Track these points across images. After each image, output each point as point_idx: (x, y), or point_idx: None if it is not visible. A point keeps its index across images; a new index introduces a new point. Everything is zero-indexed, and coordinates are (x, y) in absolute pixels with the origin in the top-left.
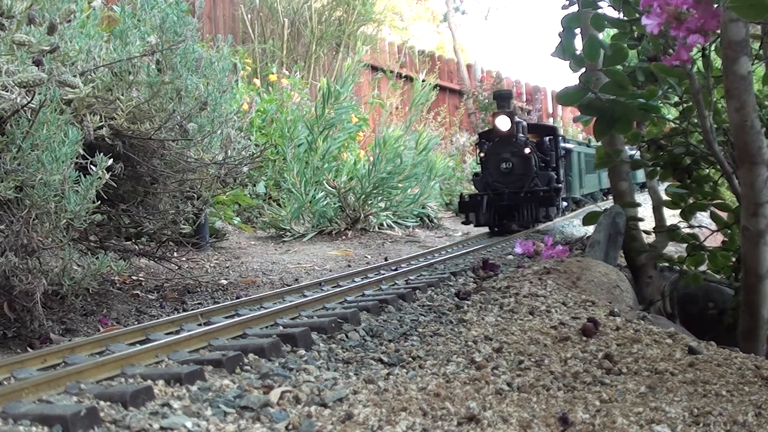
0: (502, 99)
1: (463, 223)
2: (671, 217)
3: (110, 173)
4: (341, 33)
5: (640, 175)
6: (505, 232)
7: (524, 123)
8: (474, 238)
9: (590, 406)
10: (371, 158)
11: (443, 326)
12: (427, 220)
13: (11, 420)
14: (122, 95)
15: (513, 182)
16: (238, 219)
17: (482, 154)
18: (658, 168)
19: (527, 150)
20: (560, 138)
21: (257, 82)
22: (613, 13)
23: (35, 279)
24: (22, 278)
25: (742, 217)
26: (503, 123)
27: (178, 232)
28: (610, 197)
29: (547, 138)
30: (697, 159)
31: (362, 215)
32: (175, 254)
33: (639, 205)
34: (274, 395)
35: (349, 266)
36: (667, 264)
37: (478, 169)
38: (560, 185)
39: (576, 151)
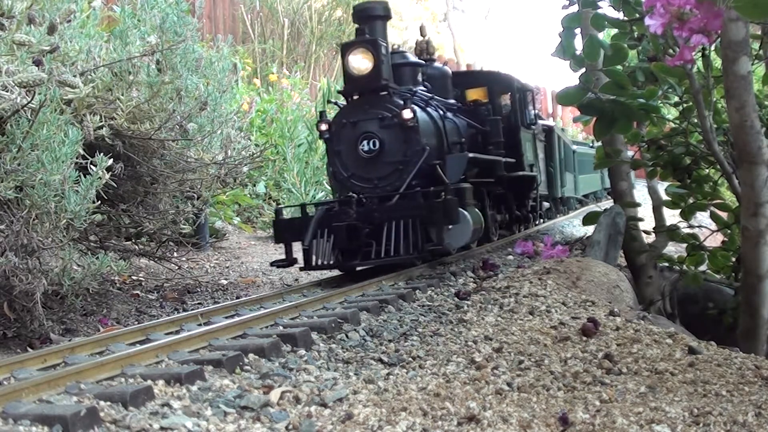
0: (363, 19)
1: (273, 264)
2: (671, 217)
3: (110, 173)
4: (341, 33)
5: (607, 178)
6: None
7: (415, 60)
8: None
9: (590, 406)
10: None
11: (443, 326)
12: None
13: (11, 420)
14: (122, 95)
15: (382, 178)
16: (238, 219)
17: (323, 126)
18: (658, 168)
19: (407, 114)
20: (529, 99)
21: (257, 82)
22: (613, 13)
23: (35, 279)
24: (22, 278)
25: (742, 217)
26: (360, 62)
27: (178, 232)
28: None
29: (501, 96)
30: (697, 159)
31: None
32: (175, 254)
33: (639, 205)
34: (274, 395)
35: None
36: (667, 264)
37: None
38: (534, 176)
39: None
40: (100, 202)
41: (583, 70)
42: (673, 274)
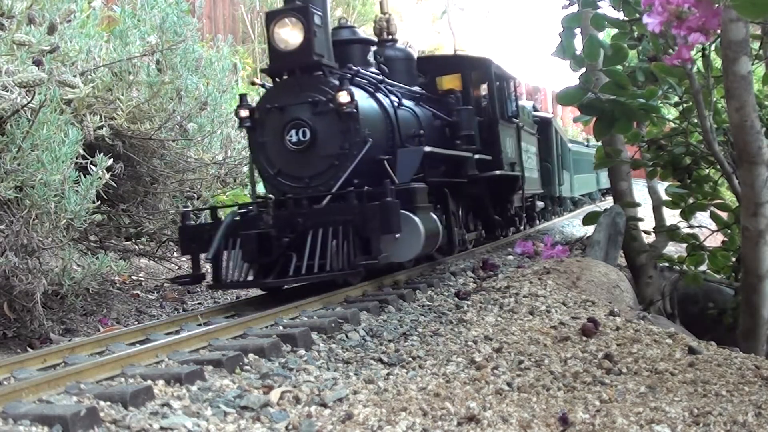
0: None
1: (174, 281)
2: (671, 217)
3: (110, 173)
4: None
5: (603, 178)
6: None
7: (365, 37)
8: None
9: (590, 406)
10: None
11: (443, 326)
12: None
13: (11, 420)
14: (122, 95)
15: (315, 176)
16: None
17: (244, 113)
18: (658, 168)
19: (343, 97)
20: (511, 89)
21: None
22: (613, 13)
23: (35, 279)
24: (22, 278)
25: (742, 217)
26: (289, 34)
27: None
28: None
29: (480, 85)
30: (697, 159)
31: None
32: (175, 254)
33: (639, 205)
34: (274, 395)
35: None
36: (667, 264)
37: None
38: (515, 176)
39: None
40: (100, 202)
41: (583, 70)
42: (673, 274)
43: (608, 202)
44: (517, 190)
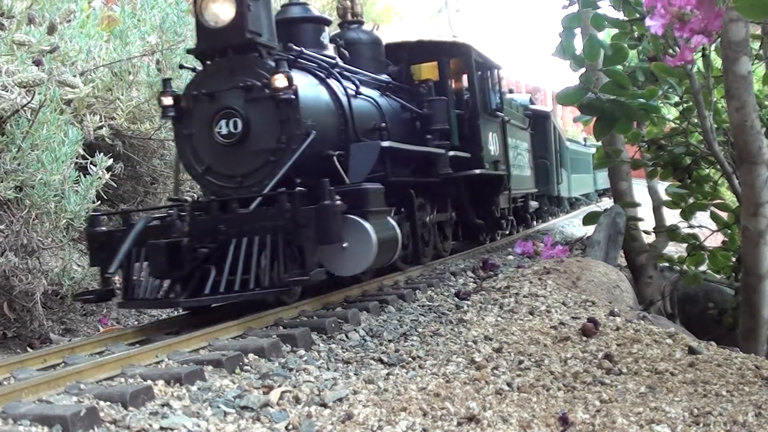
0: None
1: (77, 298)
2: (671, 217)
3: (110, 173)
4: None
5: (600, 179)
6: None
7: (320, 15)
8: None
9: (590, 406)
10: None
11: (443, 326)
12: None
13: (11, 420)
14: (122, 95)
15: (249, 174)
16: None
17: (167, 100)
18: (659, 168)
19: (279, 81)
20: (496, 80)
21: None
22: (613, 13)
23: (35, 279)
24: (22, 278)
25: (742, 217)
26: (219, 8)
27: None
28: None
29: (462, 75)
30: (697, 159)
31: None
32: None
33: (639, 205)
34: (274, 395)
35: None
36: (667, 264)
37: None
38: (500, 175)
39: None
40: (100, 202)
41: (583, 70)
42: (673, 274)
43: (605, 203)
44: (503, 190)
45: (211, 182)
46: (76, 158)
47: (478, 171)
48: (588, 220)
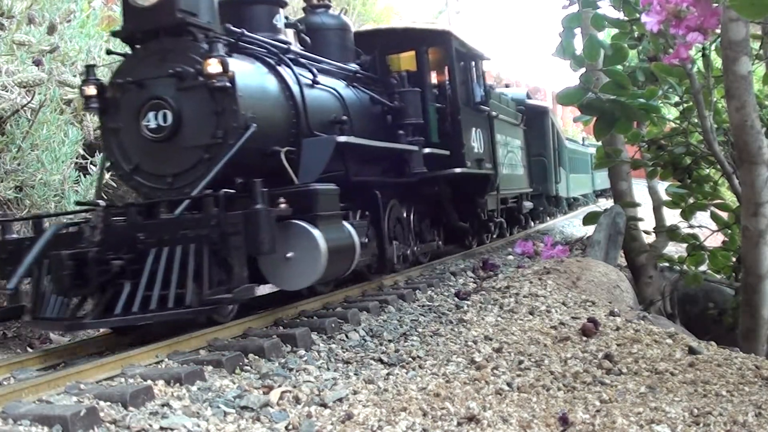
0: None
1: None
2: (671, 217)
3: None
4: None
5: (599, 179)
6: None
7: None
8: None
9: (590, 406)
10: None
11: (443, 326)
12: None
13: (11, 420)
14: None
15: (180, 174)
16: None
17: (90, 90)
18: (659, 168)
19: (213, 66)
20: (481, 71)
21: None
22: (613, 13)
23: None
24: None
25: (742, 217)
26: None
27: None
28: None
29: (443, 66)
30: (697, 159)
31: None
32: None
33: (639, 205)
34: (274, 395)
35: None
36: (667, 264)
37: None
38: (486, 174)
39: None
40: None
41: (583, 70)
42: (673, 274)
43: (604, 203)
44: (490, 190)
45: (140, 183)
46: (76, 158)
47: (458, 170)
48: (588, 220)
